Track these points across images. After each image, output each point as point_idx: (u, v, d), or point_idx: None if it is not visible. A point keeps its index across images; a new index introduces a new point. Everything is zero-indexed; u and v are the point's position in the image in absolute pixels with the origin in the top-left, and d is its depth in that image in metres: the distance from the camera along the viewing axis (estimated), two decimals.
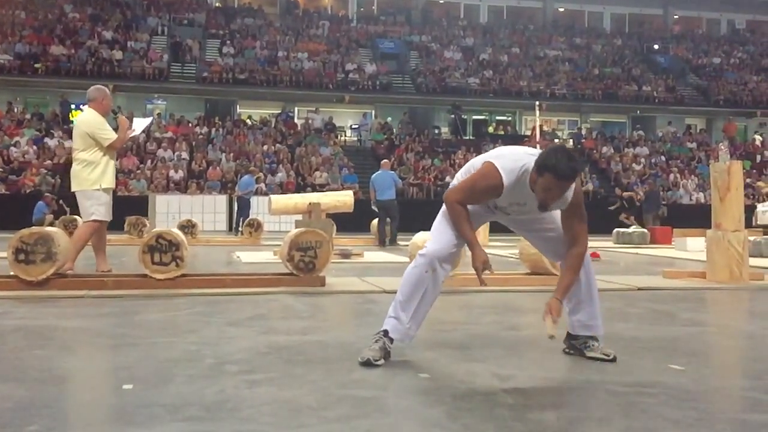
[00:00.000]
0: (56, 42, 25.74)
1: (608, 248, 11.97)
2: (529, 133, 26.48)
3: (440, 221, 3.01)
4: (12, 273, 5.06)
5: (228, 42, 28.40)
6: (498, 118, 30.86)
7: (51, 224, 12.58)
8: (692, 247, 10.84)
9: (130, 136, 6.46)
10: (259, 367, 2.86)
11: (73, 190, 6.18)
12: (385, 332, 2.95)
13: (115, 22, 28.02)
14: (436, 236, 2.99)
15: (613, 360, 3.00)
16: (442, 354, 3.20)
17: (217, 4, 32.60)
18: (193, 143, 22.31)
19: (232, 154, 21.53)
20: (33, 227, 5.46)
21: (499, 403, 2.42)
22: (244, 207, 15.45)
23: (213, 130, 23.60)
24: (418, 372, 2.83)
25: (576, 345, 3.11)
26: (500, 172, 2.82)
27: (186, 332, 3.69)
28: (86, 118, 6.15)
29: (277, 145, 22.83)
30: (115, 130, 6.25)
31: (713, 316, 5.03)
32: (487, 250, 3.22)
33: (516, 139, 25.81)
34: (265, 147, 22.47)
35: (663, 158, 25.91)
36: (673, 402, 2.43)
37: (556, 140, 27.25)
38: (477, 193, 2.91)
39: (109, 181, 6.14)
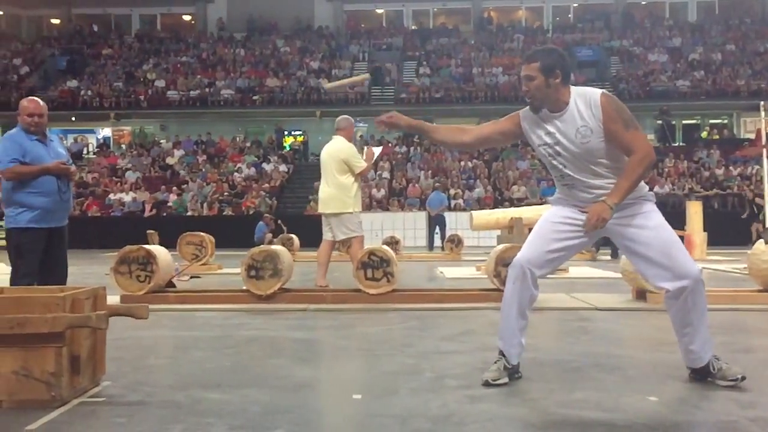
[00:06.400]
0: (271, 75, 28.15)
1: None
2: (749, 135, 24.14)
3: (534, 231, 3.02)
4: (244, 287, 5.59)
5: (424, 62, 29.19)
6: (712, 121, 28.46)
7: (270, 242, 13.68)
8: None
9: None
10: (477, 383, 2.88)
11: (324, 211, 6.68)
12: (501, 352, 2.96)
13: (321, 52, 30.03)
14: (529, 243, 3.00)
15: (742, 380, 2.76)
16: (669, 376, 3.01)
17: (413, 27, 33.67)
18: (393, 162, 23.16)
19: (430, 172, 22.04)
20: (261, 246, 5.99)
21: None
22: (440, 224, 15.63)
23: (411, 149, 24.37)
24: (646, 395, 2.69)
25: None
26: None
27: (403, 346, 3.83)
28: (341, 146, 6.68)
29: (474, 160, 22.99)
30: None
31: None
32: (707, 265, 3.04)
33: (735, 143, 23.64)
34: (462, 163, 22.72)
35: None
36: None
37: None
38: (501, 119, 3.18)
39: (359, 205, 6.76)
